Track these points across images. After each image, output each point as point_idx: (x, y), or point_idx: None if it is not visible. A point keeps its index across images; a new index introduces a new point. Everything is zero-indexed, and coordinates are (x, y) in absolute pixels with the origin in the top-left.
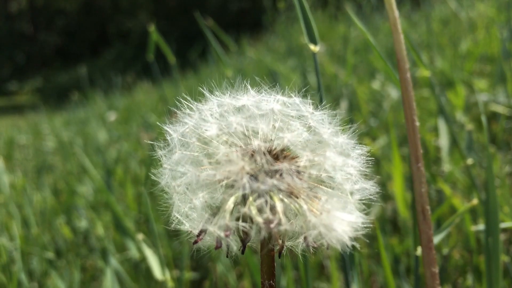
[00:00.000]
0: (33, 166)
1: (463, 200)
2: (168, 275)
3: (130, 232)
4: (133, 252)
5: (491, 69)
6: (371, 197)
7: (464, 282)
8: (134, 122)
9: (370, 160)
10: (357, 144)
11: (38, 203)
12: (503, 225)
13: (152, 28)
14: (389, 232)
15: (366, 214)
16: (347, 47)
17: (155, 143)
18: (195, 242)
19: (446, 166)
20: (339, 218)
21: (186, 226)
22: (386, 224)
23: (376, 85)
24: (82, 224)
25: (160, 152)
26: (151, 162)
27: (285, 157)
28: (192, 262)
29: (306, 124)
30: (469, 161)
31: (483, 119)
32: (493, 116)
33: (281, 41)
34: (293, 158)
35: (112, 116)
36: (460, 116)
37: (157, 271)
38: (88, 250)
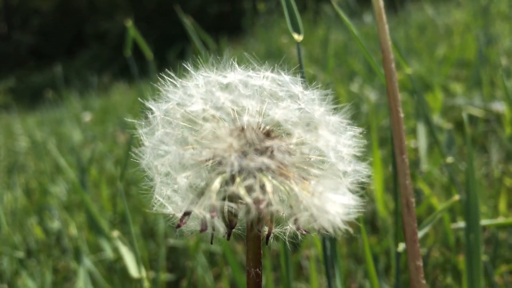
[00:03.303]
0: (4, 166)
1: (440, 200)
2: (144, 273)
3: (104, 231)
4: (108, 253)
5: (467, 74)
6: (363, 180)
7: (444, 280)
8: (110, 123)
9: (362, 142)
10: (349, 124)
11: (9, 203)
12: (483, 222)
13: (129, 24)
14: (368, 232)
15: (360, 196)
16: (328, 45)
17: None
18: (178, 226)
19: (424, 166)
20: (332, 200)
21: (168, 210)
22: (365, 224)
23: (354, 87)
24: (55, 224)
25: (141, 131)
26: (127, 160)
27: (275, 136)
28: (168, 263)
29: (296, 102)
30: (449, 159)
31: (465, 117)
32: (468, 119)
33: (261, 44)
34: (283, 137)
35: (87, 117)
36: (437, 119)
37: (133, 270)
38: (61, 251)
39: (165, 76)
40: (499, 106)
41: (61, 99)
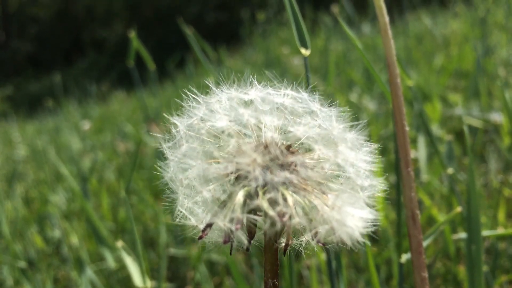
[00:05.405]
0: (2, 175)
1: (440, 210)
2: (148, 283)
3: (106, 240)
4: (109, 262)
5: (465, 84)
6: (379, 194)
7: None
8: (109, 131)
9: (378, 157)
10: (366, 140)
11: (8, 212)
12: (483, 233)
13: (132, 34)
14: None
15: (377, 210)
16: (328, 56)
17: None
18: (200, 237)
19: (424, 177)
20: (351, 213)
21: (191, 221)
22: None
23: (353, 97)
24: (55, 234)
25: (164, 145)
26: (132, 171)
27: (296, 151)
28: (168, 273)
29: (315, 119)
30: (450, 170)
31: (466, 129)
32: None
33: (259, 53)
34: (304, 152)
35: (86, 125)
36: (435, 129)
37: (138, 279)
38: (61, 261)
39: (187, 91)
40: (497, 117)
41: (60, 107)
